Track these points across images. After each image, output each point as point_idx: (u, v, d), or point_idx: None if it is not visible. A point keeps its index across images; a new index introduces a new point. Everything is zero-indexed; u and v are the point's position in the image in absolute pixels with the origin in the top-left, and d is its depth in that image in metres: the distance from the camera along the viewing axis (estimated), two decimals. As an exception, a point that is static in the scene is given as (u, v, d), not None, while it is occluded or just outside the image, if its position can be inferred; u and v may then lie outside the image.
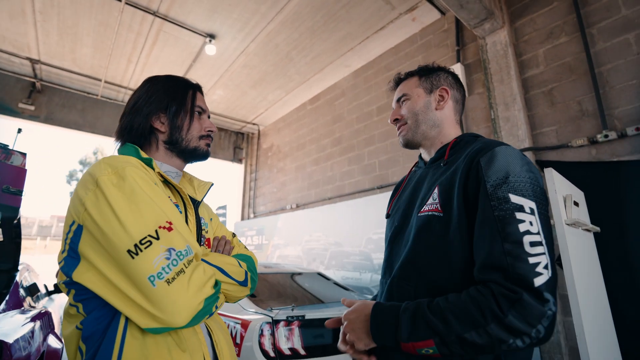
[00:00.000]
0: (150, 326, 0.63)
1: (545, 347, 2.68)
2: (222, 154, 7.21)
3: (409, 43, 4.26)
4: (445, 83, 0.99)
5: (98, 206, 0.66)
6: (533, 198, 0.71)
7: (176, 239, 0.68)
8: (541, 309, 0.62)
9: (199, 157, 0.93)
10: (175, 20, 4.07)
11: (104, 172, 0.69)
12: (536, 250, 0.66)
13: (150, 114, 0.86)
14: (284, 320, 2.12)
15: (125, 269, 0.63)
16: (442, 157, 0.93)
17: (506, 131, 3.08)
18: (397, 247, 0.92)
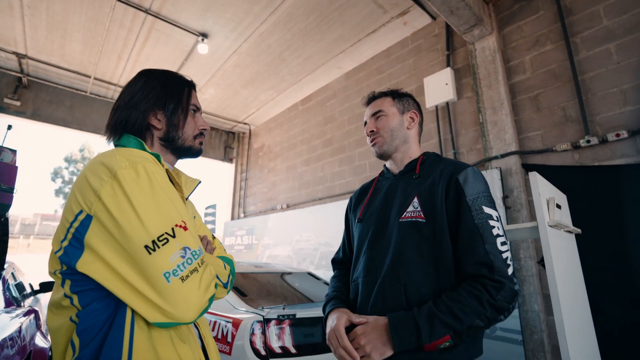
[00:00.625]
0: (158, 320, 0.65)
1: (529, 346, 2.76)
2: (213, 153, 7.17)
3: (400, 46, 4.32)
4: (414, 107, 1.18)
5: (116, 199, 0.66)
6: (495, 208, 0.95)
7: (191, 239, 0.70)
8: (514, 290, 0.86)
9: (193, 154, 0.94)
10: (167, 18, 4.04)
11: (121, 165, 0.69)
12: (504, 248, 0.90)
13: (148, 110, 0.85)
14: (275, 319, 2.14)
15: (139, 263, 0.64)
16: (412, 170, 1.09)
17: (494, 135, 3.17)
18: (379, 249, 1.04)
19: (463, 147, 3.48)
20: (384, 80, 4.45)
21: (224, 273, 0.86)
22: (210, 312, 2.38)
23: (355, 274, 1.10)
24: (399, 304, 0.93)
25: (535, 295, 2.75)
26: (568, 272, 1.71)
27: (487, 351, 2.87)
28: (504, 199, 2.96)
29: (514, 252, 2.90)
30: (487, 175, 3.07)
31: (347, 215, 1.31)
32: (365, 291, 1.02)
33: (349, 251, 1.26)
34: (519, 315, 2.80)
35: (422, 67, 3.99)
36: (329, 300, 1.12)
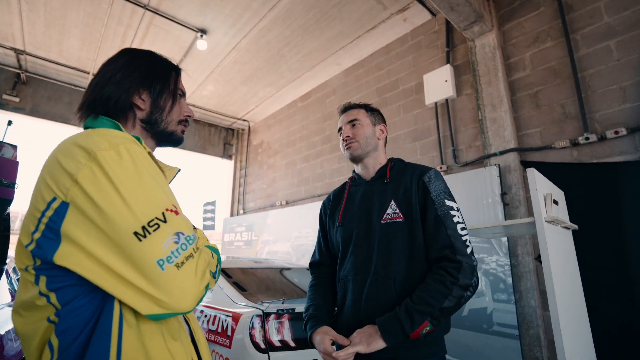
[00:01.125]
0: (152, 312, 0.60)
1: (525, 340, 2.78)
2: (212, 150, 7.17)
3: (400, 43, 4.32)
4: (383, 122, 1.36)
5: (96, 183, 0.59)
6: (454, 202, 1.14)
7: (183, 223, 0.66)
8: (472, 265, 1.03)
9: (174, 142, 0.89)
10: (166, 14, 4.03)
11: (101, 147, 0.62)
12: (464, 232, 1.08)
13: (132, 88, 0.79)
14: (275, 313, 2.16)
15: (129, 252, 0.59)
16: (383, 176, 1.25)
17: (493, 132, 3.17)
18: (365, 250, 1.17)
19: (462, 144, 3.49)
20: (383, 77, 4.45)
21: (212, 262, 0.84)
22: (210, 307, 2.40)
23: (343, 273, 1.22)
24: (390, 298, 1.07)
25: (532, 291, 2.78)
26: (564, 268, 1.73)
27: (483, 346, 2.90)
28: (502, 196, 2.97)
29: (512, 249, 2.92)
30: (486, 172, 3.09)
31: (321, 220, 1.42)
32: (356, 288, 1.15)
33: (325, 253, 1.37)
34: (516, 311, 2.82)
35: (422, 64, 3.99)
36: (308, 319, 1.21)
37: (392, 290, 1.07)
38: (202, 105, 6.41)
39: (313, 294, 1.29)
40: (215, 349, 2.18)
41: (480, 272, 3.03)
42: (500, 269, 2.96)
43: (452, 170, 3.50)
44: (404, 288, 1.07)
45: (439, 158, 3.59)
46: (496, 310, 2.93)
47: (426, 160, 3.75)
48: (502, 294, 2.92)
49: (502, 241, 2.98)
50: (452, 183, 3.27)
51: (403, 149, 4.00)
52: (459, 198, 3.16)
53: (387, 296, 1.07)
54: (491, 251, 3.01)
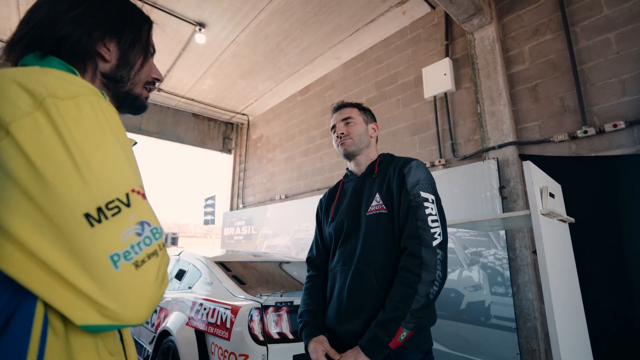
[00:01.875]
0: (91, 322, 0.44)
1: (522, 333, 2.81)
2: (211, 144, 7.17)
3: (399, 36, 4.29)
4: (374, 121, 1.41)
5: (40, 140, 0.43)
6: (432, 194, 1.16)
7: (150, 211, 0.51)
8: (434, 260, 1.04)
9: (137, 108, 0.73)
10: (164, 7, 4.00)
11: (55, 93, 0.46)
12: (434, 225, 1.09)
13: (96, 32, 0.62)
14: (273, 306, 2.18)
15: (73, 238, 0.43)
16: (372, 171, 1.30)
17: (491, 125, 3.17)
18: (352, 241, 1.22)
19: (461, 138, 3.48)
20: (382, 70, 4.43)
21: None
22: (210, 299, 2.42)
23: (333, 264, 1.28)
24: (371, 284, 1.12)
25: (530, 284, 2.79)
26: (560, 261, 1.74)
27: (481, 339, 2.93)
28: (501, 190, 2.98)
29: (510, 242, 2.93)
30: (484, 166, 3.09)
31: (318, 216, 1.47)
32: (342, 277, 1.20)
33: (322, 248, 1.41)
34: (513, 304, 2.84)
35: (421, 57, 3.97)
36: (303, 327, 1.24)
37: (372, 278, 1.12)
38: (201, 100, 6.39)
39: (308, 298, 1.32)
40: (215, 342, 2.21)
41: (478, 265, 3.05)
42: (498, 262, 2.97)
43: (451, 164, 3.50)
44: (384, 276, 1.12)
45: (438, 152, 3.59)
46: (494, 303, 2.95)
47: (425, 154, 3.75)
48: (500, 287, 2.94)
49: (500, 235, 2.99)
50: (450, 177, 3.28)
51: (402, 143, 4.00)
52: (457, 192, 3.20)
53: (367, 283, 1.12)
54: (489, 245, 3.02)
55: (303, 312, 1.28)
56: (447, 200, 3.28)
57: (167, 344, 2.54)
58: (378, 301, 1.09)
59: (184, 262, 3.24)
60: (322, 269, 1.39)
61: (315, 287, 1.35)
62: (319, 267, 1.40)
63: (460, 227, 1.91)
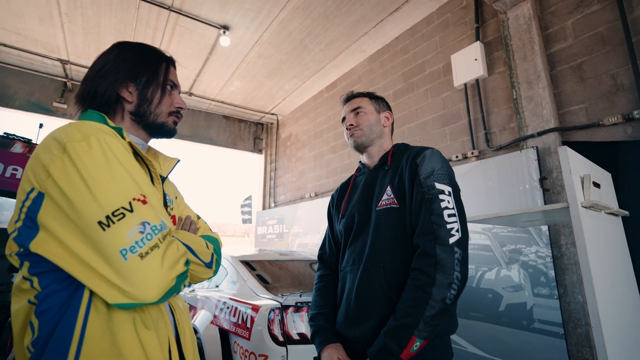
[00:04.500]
0: (118, 301, 0.61)
1: (572, 340, 2.54)
2: (243, 145, 7.32)
3: (426, 23, 4.07)
4: (388, 109, 1.32)
5: (66, 174, 0.62)
6: (449, 185, 1.03)
7: (151, 213, 0.66)
8: (451, 260, 0.92)
9: (166, 133, 0.89)
10: (189, 13, 4.12)
11: (73, 138, 0.65)
12: (451, 220, 0.97)
13: (118, 81, 0.81)
14: (293, 306, 2.14)
15: (94, 241, 0.61)
16: (385, 163, 1.20)
17: (529, 111, 2.89)
18: (362, 238, 1.12)
19: (495, 127, 3.22)
20: (409, 60, 4.23)
21: (206, 252, 0.82)
22: (233, 299, 2.43)
23: (343, 263, 1.19)
24: (380, 286, 1.02)
25: (579, 286, 2.51)
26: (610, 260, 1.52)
27: (524, 344, 2.69)
28: (542, 181, 2.70)
29: (554, 238, 2.66)
30: (522, 156, 2.83)
31: (329, 213, 1.39)
32: (351, 278, 1.11)
33: (334, 246, 1.33)
34: (560, 307, 2.57)
35: (449, 44, 3.73)
36: (316, 331, 1.15)
37: (381, 278, 1.02)
38: (230, 102, 6.54)
39: (320, 300, 1.24)
40: (237, 341, 2.21)
41: (518, 264, 2.80)
42: (541, 260, 2.71)
43: (485, 155, 3.25)
44: (395, 276, 1.01)
45: (470, 143, 3.35)
46: (537, 305, 2.69)
47: (456, 146, 3.52)
48: (544, 288, 2.67)
49: (542, 230, 2.72)
50: (484, 169, 3.04)
51: (432, 135, 3.79)
52: (492, 185, 2.96)
53: (376, 284, 1.02)
54: (530, 241, 2.76)
55: (315, 315, 1.20)
56: (481, 195, 3.05)
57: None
58: (388, 304, 0.99)
59: (213, 260, 3.30)
60: (334, 267, 1.31)
61: (327, 287, 1.27)
62: (331, 265, 1.32)
63: (488, 222, 1.74)
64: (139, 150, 0.79)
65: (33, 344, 0.61)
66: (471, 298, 2.99)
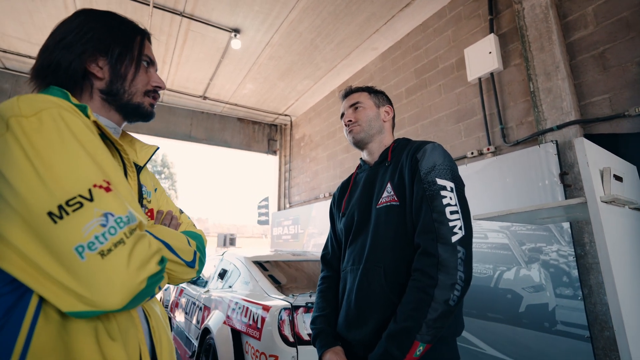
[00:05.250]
0: (74, 309, 0.50)
1: (599, 343, 2.41)
2: (257, 147, 7.38)
3: (437, 18, 3.98)
4: (388, 103, 1.28)
5: (8, 155, 0.51)
6: (452, 180, 0.98)
7: (115, 202, 0.55)
8: (454, 259, 0.87)
9: (142, 115, 0.79)
10: (200, 18, 4.18)
11: (20, 113, 0.54)
12: (454, 217, 0.92)
13: (86, 53, 0.69)
14: (303, 307, 2.13)
15: (43, 236, 0.50)
16: (385, 159, 1.16)
17: (547, 104, 2.77)
18: (362, 238, 1.09)
19: (512, 121, 3.11)
20: (421, 56, 4.15)
21: (187, 250, 0.74)
22: (244, 299, 2.44)
23: (344, 263, 1.16)
24: (380, 286, 0.98)
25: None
26: (634, 258, 1.42)
27: (547, 347, 2.57)
28: (562, 176, 2.58)
29: (577, 236, 2.53)
30: (541, 151, 2.71)
31: (331, 212, 1.35)
32: (352, 279, 1.08)
33: (336, 246, 1.30)
34: (585, 309, 2.45)
35: (462, 38, 3.63)
36: (317, 334, 1.12)
37: (381, 278, 0.98)
38: (244, 104, 6.61)
39: (322, 302, 1.21)
40: (248, 341, 2.22)
41: (538, 263, 2.68)
42: (563, 259, 2.58)
43: (502, 150, 3.14)
44: (395, 277, 0.97)
45: (486, 138, 3.24)
46: (560, 307, 2.57)
47: (472, 142, 3.42)
48: (567, 289, 2.55)
49: (563, 228, 2.60)
50: (501, 165, 2.93)
51: (446, 132, 3.70)
52: (509, 181, 2.85)
53: (376, 285, 0.99)
54: (550, 239, 2.64)
55: (316, 318, 1.17)
56: (498, 192, 2.94)
57: (209, 342, 2.62)
58: (388, 306, 0.95)
59: (227, 261, 3.34)
60: (337, 268, 1.28)
61: (329, 289, 1.24)
62: (333, 266, 1.30)
63: (504, 219, 1.67)
64: (108, 132, 0.67)
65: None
66: (489, 298, 2.89)
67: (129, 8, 3.99)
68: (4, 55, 4.94)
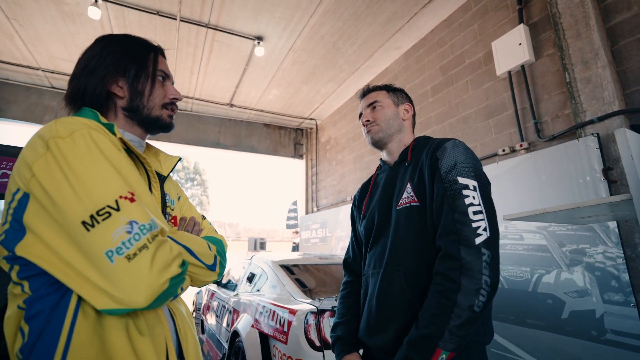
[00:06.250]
0: (107, 307, 0.57)
1: (655, 353, 2.19)
2: (284, 151, 7.47)
3: (462, 12, 3.84)
4: (407, 101, 1.24)
5: (49, 172, 0.59)
6: (475, 179, 0.93)
7: (139, 211, 0.62)
8: (478, 262, 0.83)
9: (161, 127, 0.84)
10: (225, 28, 4.31)
11: (57, 134, 0.62)
12: (477, 217, 0.87)
13: (107, 76, 0.77)
14: (330, 311, 2.11)
15: (79, 243, 0.57)
16: (405, 158, 1.13)
17: (586, 94, 2.58)
18: (383, 240, 1.06)
19: (546, 115, 2.93)
20: (446, 53, 4.02)
21: (208, 254, 0.79)
22: (271, 303, 2.46)
23: (365, 267, 1.13)
24: (401, 290, 0.95)
25: (660, 290, 2.17)
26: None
27: (595, 357, 2.37)
28: (606, 172, 2.39)
29: (625, 237, 2.33)
30: (580, 145, 2.53)
31: (352, 214, 1.33)
32: (373, 283, 1.05)
33: (357, 250, 1.28)
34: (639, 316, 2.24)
35: (489, 31, 3.48)
36: (335, 341, 1.11)
37: (402, 282, 0.95)
38: (269, 110, 6.72)
39: (342, 308, 1.19)
40: (276, 345, 2.22)
41: (582, 266, 2.49)
42: (610, 262, 2.38)
43: (536, 146, 2.96)
44: (416, 280, 0.94)
45: (519, 134, 3.08)
46: (609, 314, 2.37)
47: (503, 139, 3.26)
48: (616, 294, 2.35)
49: (609, 227, 2.40)
50: (536, 162, 2.77)
51: (474, 129, 3.55)
52: (545, 179, 2.68)
53: (397, 289, 0.96)
54: (595, 240, 2.45)
55: (336, 325, 1.16)
56: (533, 191, 2.78)
57: (238, 345, 2.66)
58: (410, 311, 0.92)
59: (255, 265, 3.39)
60: (358, 272, 1.26)
61: (350, 295, 1.22)
62: (355, 270, 1.27)
63: (539, 219, 1.56)
64: (132, 147, 0.75)
65: (21, 350, 0.58)
66: (527, 304, 2.72)
67: (157, 23, 4.19)
68: (51, 75, 5.35)
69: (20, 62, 5.04)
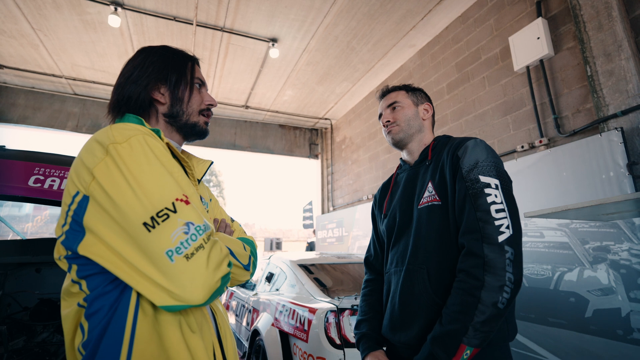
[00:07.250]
0: (166, 303, 0.60)
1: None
2: (299, 152, 7.53)
3: (478, 7, 3.79)
4: (427, 100, 1.25)
5: (110, 176, 0.62)
6: (496, 177, 0.94)
7: (194, 213, 0.65)
8: (502, 260, 0.84)
9: (198, 134, 0.89)
10: (240, 31, 4.39)
11: (115, 140, 0.66)
12: (500, 215, 0.88)
13: (150, 84, 0.81)
14: (349, 309, 2.13)
15: (140, 243, 0.60)
16: (426, 158, 1.14)
17: (609, 87, 2.52)
18: (405, 239, 1.08)
19: (566, 110, 2.86)
20: (462, 49, 3.98)
21: (244, 254, 0.82)
22: (291, 302, 2.50)
23: (387, 266, 1.15)
24: (424, 288, 0.96)
25: (690, 289, 2.10)
26: None
27: (621, 357, 2.32)
28: (630, 167, 2.33)
29: (652, 234, 2.26)
30: (603, 140, 2.47)
31: (373, 213, 1.35)
32: (395, 281, 1.06)
33: (379, 248, 1.29)
34: (668, 314, 2.17)
35: (506, 25, 3.43)
36: (360, 338, 1.13)
37: (425, 280, 0.96)
38: (284, 110, 6.79)
39: (365, 306, 1.21)
40: (296, 343, 2.27)
41: (606, 263, 2.44)
42: (637, 259, 2.32)
43: (556, 142, 2.91)
44: (439, 278, 0.95)
45: (538, 130, 3.02)
46: (636, 312, 2.31)
47: (521, 135, 3.20)
48: (643, 292, 2.29)
49: (635, 224, 2.34)
50: (556, 158, 2.72)
51: (492, 126, 3.50)
52: (566, 175, 2.64)
53: (420, 287, 0.97)
54: (619, 237, 2.39)
55: (359, 322, 1.18)
56: (553, 187, 2.72)
57: (258, 343, 2.72)
58: (433, 308, 0.94)
59: (273, 265, 3.44)
60: (380, 271, 1.28)
61: (373, 293, 1.24)
62: (376, 268, 1.29)
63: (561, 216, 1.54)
64: (177, 152, 0.79)
65: (84, 346, 0.61)
66: (549, 302, 2.68)
67: (174, 28, 4.30)
68: (74, 82, 5.57)
69: (45, 71, 5.27)
